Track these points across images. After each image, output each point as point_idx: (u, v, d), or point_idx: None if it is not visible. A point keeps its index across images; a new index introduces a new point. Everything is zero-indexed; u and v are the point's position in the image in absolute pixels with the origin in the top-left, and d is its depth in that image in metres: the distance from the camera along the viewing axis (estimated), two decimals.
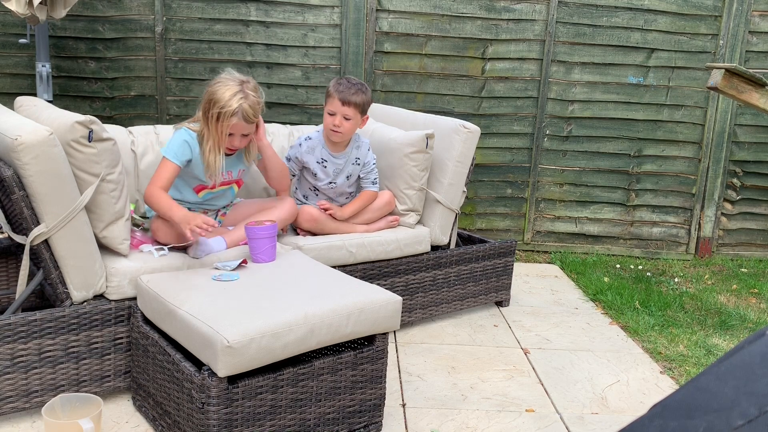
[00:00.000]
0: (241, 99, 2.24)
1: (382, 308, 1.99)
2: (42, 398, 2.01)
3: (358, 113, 2.67)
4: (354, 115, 2.67)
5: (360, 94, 2.66)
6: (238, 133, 2.31)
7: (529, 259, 4.08)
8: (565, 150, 4.08)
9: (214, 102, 2.25)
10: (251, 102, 2.27)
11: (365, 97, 2.68)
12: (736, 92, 2.90)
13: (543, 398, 2.36)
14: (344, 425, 2.00)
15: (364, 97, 2.67)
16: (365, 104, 2.70)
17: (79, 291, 2.08)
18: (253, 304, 1.88)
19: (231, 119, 2.24)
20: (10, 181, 1.92)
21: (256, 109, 2.30)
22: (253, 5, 3.70)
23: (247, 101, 2.25)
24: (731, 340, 2.98)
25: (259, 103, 2.32)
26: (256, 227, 2.27)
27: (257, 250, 2.27)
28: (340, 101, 2.64)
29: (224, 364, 1.67)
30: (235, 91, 2.24)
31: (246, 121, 2.27)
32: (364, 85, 2.71)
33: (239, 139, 2.34)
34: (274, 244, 2.30)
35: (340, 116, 2.66)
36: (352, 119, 2.67)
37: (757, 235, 4.30)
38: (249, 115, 2.27)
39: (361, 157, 2.80)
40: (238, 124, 2.27)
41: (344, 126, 2.67)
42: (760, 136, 4.15)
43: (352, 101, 2.64)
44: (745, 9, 3.92)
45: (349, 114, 2.65)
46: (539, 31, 3.90)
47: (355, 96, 2.65)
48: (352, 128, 2.70)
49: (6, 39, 3.57)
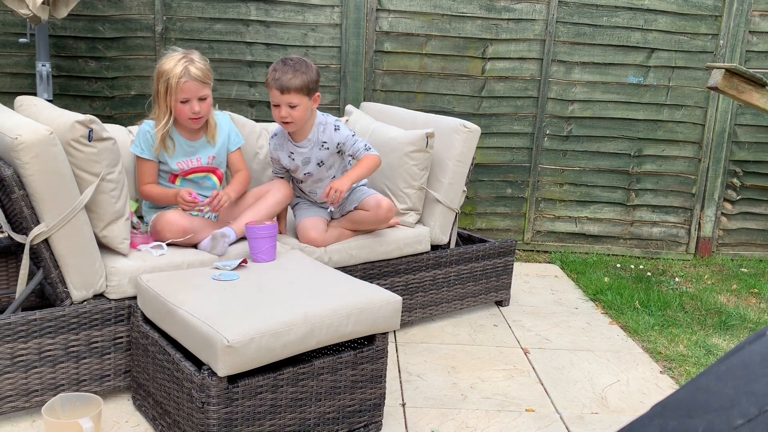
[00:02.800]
0: (185, 62, 2.29)
1: (382, 308, 1.99)
2: (42, 397, 2.01)
3: (303, 96, 2.42)
4: (300, 100, 2.42)
5: (299, 75, 2.39)
6: (193, 97, 2.32)
7: (529, 258, 4.08)
8: (565, 150, 4.08)
9: (160, 75, 2.31)
10: (197, 65, 2.31)
11: (306, 77, 2.41)
12: (736, 92, 2.90)
13: (543, 398, 2.36)
14: (344, 425, 2.00)
15: (304, 77, 2.40)
16: (309, 84, 2.43)
17: (79, 290, 2.08)
18: (253, 303, 1.88)
19: (180, 82, 2.28)
20: (10, 181, 1.92)
21: (204, 71, 2.33)
22: (253, 5, 3.70)
23: (192, 64, 2.30)
24: (731, 340, 2.98)
25: (205, 66, 2.35)
26: (256, 227, 2.26)
27: (257, 249, 2.27)
28: (279, 90, 2.41)
29: (224, 364, 1.67)
30: (177, 59, 2.30)
31: (195, 80, 2.30)
32: (303, 62, 2.44)
33: (197, 104, 2.34)
34: (274, 244, 2.30)
35: (285, 106, 2.43)
36: (299, 105, 2.43)
37: (757, 235, 4.30)
38: (197, 75, 2.30)
39: (327, 141, 2.57)
40: (189, 85, 2.29)
41: (293, 115, 2.44)
42: (760, 136, 4.15)
43: (292, 86, 2.39)
44: (745, 9, 3.92)
45: (293, 101, 2.42)
46: (539, 30, 3.90)
47: (293, 80, 2.39)
48: (302, 115, 2.46)
49: (6, 38, 3.57)
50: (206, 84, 2.34)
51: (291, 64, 2.42)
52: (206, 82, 2.34)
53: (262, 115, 3.81)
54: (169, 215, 2.33)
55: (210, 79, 2.36)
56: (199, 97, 2.33)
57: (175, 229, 2.30)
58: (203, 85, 2.33)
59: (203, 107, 2.36)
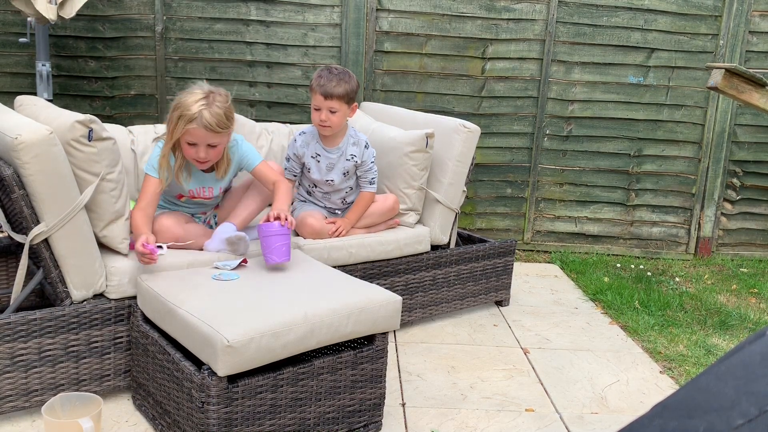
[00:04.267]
0: (202, 106, 2.17)
1: (382, 308, 1.99)
2: (42, 397, 2.01)
3: (343, 104, 2.59)
4: (340, 107, 2.58)
5: (342, 84, 2.56)
6: (201, 143, 2.22)
7: (529, 258, 4.08)
8: (565, 150, 4.08)
9: (177, 106, 2.22)
10: (213, 111, 2.18)
11: (348, 86, 2.58)
12: (736, 92, 2.90)
13: (543, 398, 2.36)
14: (344, 424, 2.00)
15: (347, 86, 2.57)
16: (350, 93, 2.60)
17: (79, 290, 2.08)
18: (253, 303, 1.88)
19: (189, 124, 2.17)
20: (10, 180, 1.92)
21: (219, 118, 2.19)
22: (253, 5, 3.70)
23: (208, 109, 2.18)
24: (731, 340, 2.98)
25: (223, 115, 2.21)
26: (270, 224, 2.15)
27: (271, 249, 2.13)
28: (323, 95, 2.56)
29: (224, 364, 1.67)
30: (198, 98, 2.19)
31: (206, 129, 2.17)
32: (347, 73, 2.61)
33: (204, 150, 2.23)
34: (288, 243, 2.16)
35: (326, 110, 2.58)
36: (338, 111, 2.59)
37: (757, 235, 4.31)
38: (209, 123, 2.17)
39: (357, 155, 2.72)
40: (197, 131, 2.18)
41: (331, 120, 2.59)
42: (760, 136, 4.15)
43: (335, 94, 2.55)
44: (745, 9, 3.92)
45: (334, 107, 2.57)
46: (539, 30, 3.90)
47: (337, 87, 2.55)
48: (340, 121, 2.62)
49: (6, 38, 3.57)
50: (218, 133, 2.21)
51: (336, 72, 2.57)
52: (218, 131, 2.20)
53: (262, 115, 3.81)
54: (164, 221, 2.30)
55: (225, 127, 2.23)
56: (208, 143, 2.22)
57: (168, 236, 2.26)
58: (214, 134, 2.20)
59: (210, 154, 2.25)
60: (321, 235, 2.63)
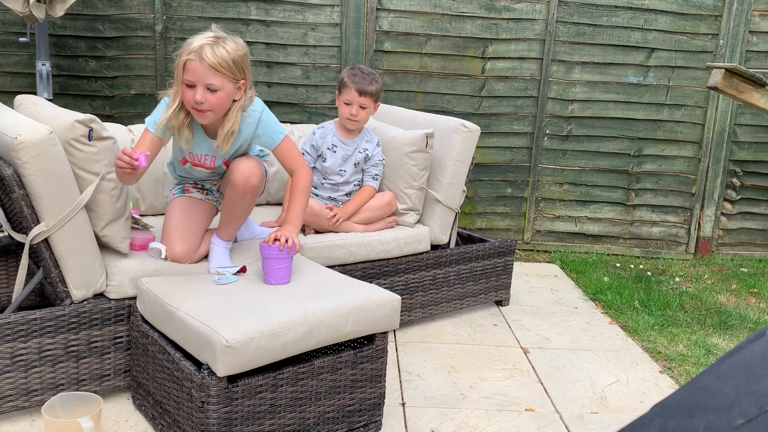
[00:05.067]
0: (207, 41, 1.96)
1: (381, 307, 1.99)
2: (42, 397, 2.01)
3: (372, 102, 2.80)
4: (369, 104, 2.79)
5: (374, 83, 2.79)
6: (199, 82, 1.96)
7: (529, 258, 4.08)
8: (565, 149, 4.08)
9: (183, 47, 2.01)
10: (217, 50, 1.95)
11: (378, 86, 2.82)
12: (736, 92, 2.90)
13: (543, 397, 2.36)
14: (344, 424, 2.00)
15: (377, 86, 2.81)
16: (379, 92, 2.83)
17: (79, 290, 2.08)
18: (251, 304, 1.88)
19: (188, 56, 1.95)
20: (10, 180, 1.92)
21: (222, 58, 1.95)
22: (253, 4, 3.70)
23: (212, 46, 1.95)
24: (731, 340, 2.98)
25: (229, 58, 1.97)
26: (272, 246, 2.03)
27: (268, 270, 2.07)
28: (357, 92, 2.76)
29: (223, 364, 1.67)
30: (205, 37, 1.98)
31: (204, 63, 1.94)
32: (375, 74, 2.83)
33: (201, 92, 1.97)
34: (288, 265, 2.07)
35: (357, 106, 2.77)
36: (367, 108, 2.80)
37: (756, 234, 4.31)
38: (208, 59, 1.93)
39: (369, 149, 2.87)
40: (194, 65, 1.95)
41: (360, 115, 2.79)
42: (760, 136, 4.15)
43: (368, 91, 2.77)
44: (745, 9, 3.92)
45: (365, 103, 2.78)
46: (539, 30, 3.90)
47: (370, 86, 2.77)
48: (367, 116, 2.83)
49: (6, 37, 3.57)
50: (218, 73, 1.96)
51: (368, 72, 2.81)
52: (218, 71, 1.96)
53: None
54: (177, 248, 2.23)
55: (228, 70, 1.98)
56: (206, 84, 1.97)
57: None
58: (213, 73, 1.96)
59: (210, 100, 1.98)
60: (319, 218, 2.65)
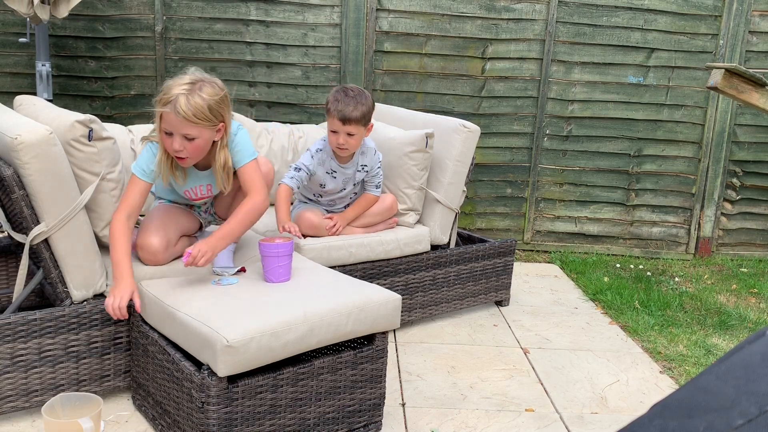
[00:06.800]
0: (183, 91, 1.93)
1: (382, 306, 1.99)
2: (42, 397, 2.01)
3: (361, 127, 2.56)
4: (357, 131, 2.55)
5: (360, 107, 2.52)
6: (175, 132, 1.96)
7: (529, 258, 4.08)
8: (564, 150, 4.08)
9: (163, 89, 1.99)
10: (192, 99, 1.92)
11: (365, 108, 2.54)
12: (736, 92, 2.90)
13: (543, 398, 2.36)
14: (344, 424, 2.00)
15: (364, 108, 2.53)
16: (367, 115, 2.57)
17: (79, 290, 2.08)
18: (252, 304, 1.88)
19: (164, 107, 1.94)
20: (10, 181, 1.92)
21: (197, 108, 1.92)
22: (253, 5, 3.70)
23: (187, 96, 1.93)
24: (731, 340, 2.98)
25: (204, 106, 1.94)
26: (270, 244, 2.05)
27: (270, 269, 2.07)
28: (341, 121, 2.52)
29: (224, 364, 1.67)
30: (182, 83, 1.96)
31: (179, 116, 1.92)
32: (362, 93, 2.56)
33: (179, 141, 1.96)
34: (288, 262, 2.09)
35: (344, 134, 2.55)
36: (356, 135, 2.56)
37: (756, 235, 4.31)
38: (182, 110, 1.91)
39: (367, 163, 2.73)
40: (169, 116, 1.93)
41: (349, 143, 2.57)
42: (760, 136, 4.15)
43: (353, 118, 2.51)
44: (745, 9, 3.92)
45: (351, 131, 2.54)
46: (539, 30, 3.90)
47: (354, 111, 2.51)
48: (357, 143, 2.60)
49: (6, 38, 3.57)
50: (193, 123, 1.94)
51: (352, 95, 2.52)
52: (193, 122, 1.94)
53: (262, 115, 3.81)
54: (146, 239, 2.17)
55: (204, 119, 1.95)
56: (182, 134, 1.96)
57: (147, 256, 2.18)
58: (189, 124, 1.94)
59: (188, 147, 1.98)
60: (319, 230, 2.64)
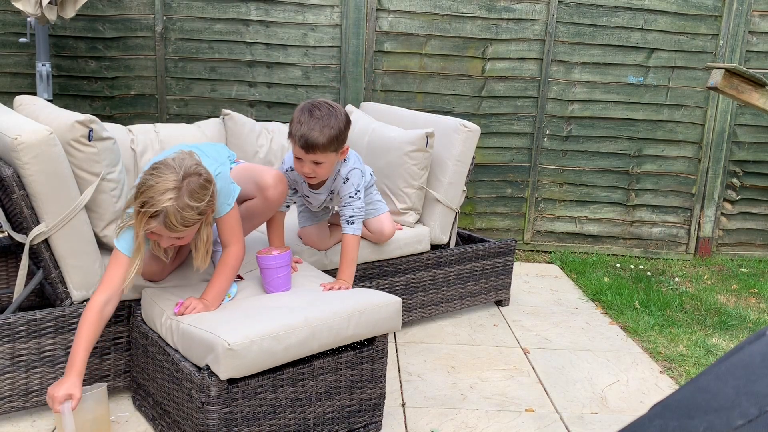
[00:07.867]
0: (168, 203, 1.74)
1: (383, 310, 1.99)
2: (42, 398, 2.01)
3: (330, 153, 2.13)
4: (326, 158, 2.13)
5: (327, 130, 2.07)
6: (164, 234, 1.82)
7: (529, 258, 4.08)
8: (565, 150, 4.08)
9: (142, 190, 1.77)
10: (185, 213, 1.76)
11: (333, 132, 2.09)
12: (736, 92, 2.90)
13: (543, 398, 2.36)
14: (344, 425, 2.00)
15: (332, 132, 2.08)
16: (337, 139, 2.11)
17: (79, 290, 2.08)
18: (252, 310, 1.89)
19: (150, 221, 1.77)
20: (10, 181, 1.92)
21: (186, 217, 1.76)
22: (253, 5, 3.70)
23: (178, 212, 1.75)
24: (731, 340, 2.98)
25: (194, 209, 1.77)
26: (268, 256, 2.05)
27: (270, 280, 2.07)
28: (303, 149, 2.09)
29: (226, 367, 1.67)
30: (166, 189, 1.75)
31: (167, 227, 1.77)
32: (332, 113, 2.10)
33: (166, 241, 1.85)
34: (287, 273, 2.07)
35: (309, 162, 2.13)
36: (324, 162, 2.14)
37: (756, 235, 4.31)
38: (171, 225, 1.76)
39: (335, 188, 2.36)
40: (159, 230, 1.79)
41: (317, 172, 2.16)
42: (760, 136, 4.15)
43: (318, 144, 2.07)
44: (745, 9, 3.92)
45: (318, 159, 2.12)
46: (539, 30, 3.90)
47: (319, 138, 2.07)
48: (328, 171, 2.20)
49: (6, 38, 3.57)
50: (186, 229, 1.81)
51: (318, 116, 2.08)
52: (185, 230, 1.81)
53: (262, 115, 3.81)
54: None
55: (197, 222, 1.83)
56: (174, 237, 1.84)
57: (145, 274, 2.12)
58: (182, 232, 1.81)
59: (177, 243, 1.89)
60: (319, 246, 2.58)
